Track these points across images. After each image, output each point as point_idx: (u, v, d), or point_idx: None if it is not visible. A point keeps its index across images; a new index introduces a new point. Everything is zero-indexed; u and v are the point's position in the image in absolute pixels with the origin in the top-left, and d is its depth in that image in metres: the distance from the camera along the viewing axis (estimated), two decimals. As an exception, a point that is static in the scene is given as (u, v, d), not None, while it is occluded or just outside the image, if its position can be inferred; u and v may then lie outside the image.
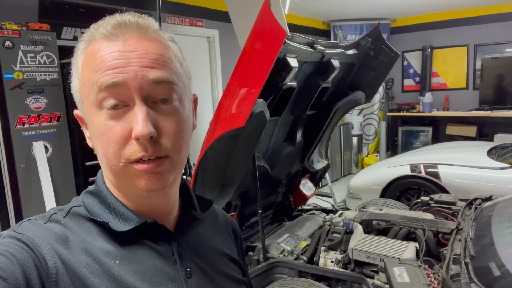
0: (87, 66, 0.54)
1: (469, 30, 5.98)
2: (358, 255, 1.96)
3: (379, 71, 2.71)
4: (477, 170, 3.34)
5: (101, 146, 0.54)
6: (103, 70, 0.52)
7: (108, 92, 0.52)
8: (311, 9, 5.45)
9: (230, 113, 1.68)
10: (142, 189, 0.55)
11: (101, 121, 0.53)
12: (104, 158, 0.55)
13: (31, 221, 0.54)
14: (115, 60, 0.52)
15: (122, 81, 0.52)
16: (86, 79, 0.54)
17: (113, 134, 0.53)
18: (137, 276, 0.55)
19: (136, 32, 0.55)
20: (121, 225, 0.57)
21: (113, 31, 0.54)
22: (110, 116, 0.53)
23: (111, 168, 0.55)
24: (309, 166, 2.85)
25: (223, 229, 0.77)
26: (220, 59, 4.44)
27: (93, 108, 0.54)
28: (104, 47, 0.53)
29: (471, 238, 1.70)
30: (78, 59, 0.57)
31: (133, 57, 0.53)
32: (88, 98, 0.54)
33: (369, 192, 3.77)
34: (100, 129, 0.53)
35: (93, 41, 0.55)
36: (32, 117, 2.45)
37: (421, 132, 6.42)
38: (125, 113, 0.53)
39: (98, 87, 0.52)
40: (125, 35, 0.54)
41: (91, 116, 0.55)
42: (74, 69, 0.57)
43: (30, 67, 2.41)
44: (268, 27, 1.60)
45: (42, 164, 2.48)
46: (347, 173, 6.24)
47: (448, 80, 6.37)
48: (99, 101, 0.53)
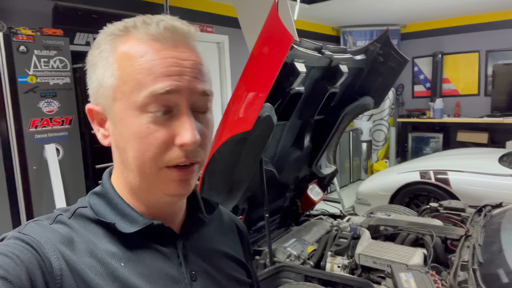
0: (132, 66, 0.52)
1: (481, 36, 5.92)
2: (365, 261, 1.95)
3: (388, 77, 2.71)
4: (488, 177, 3.30)
5: (137, 148, 0.53)
6: (157, 75, 0.52)
7: (159, 98, 0.52)
8: (320, 15, 5.46)
9: (238, 117, 1.70)
10: (171, 193, 0.56)
11: (142, 123, 0.52)
12: (135, 160, 0.54)
13: (36, 222, 0.54)
14: (171, 67, 0.52)
15: (176, 90, 0.52)
16: (130, 79, 0.52)
17: (155, 138, 0.52)
18: (142, 278, 0.55)
19: (184, 40, 0.55)
20: (128, 227, 0.57)
21: (165, 34, 0.53)
22: (154, 120, 0.52)
23: (142, 171, 0.55)
24: (317, 171, 2.85)
25: (229, 231, 0.76)
26: (229, 64, 4.48)
27: (132, 109, 0.53)
28: (154, 50, 0.53)
29: (479, 245, 1.68)
30: (107, 53, 0.55)
31: (187, 66, 0.53)
32: (128, 98, 0.53)
33: (378, 198, 3.75)
34: (140, 132, 0.52)
35: (135, 38, 0.54)
36: (44, 120, 2.51)
37: (431, 139, 6.37)
38: (169, 119, 0.53)
39: (150, 92, 0.51)
40: (175, 42, 0.54)
41: (127, 117, 0.53)
42: (101, 63, 0.55)
43: (43, 71, 2.47)
44: (275, 32, 1.62)
45: (53, 167, 2.53)
46: (356, 179, 6.20)
47: (459, 86, 6.32)
48: (145, 104, 0.52)
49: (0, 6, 2.61)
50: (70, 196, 2.61)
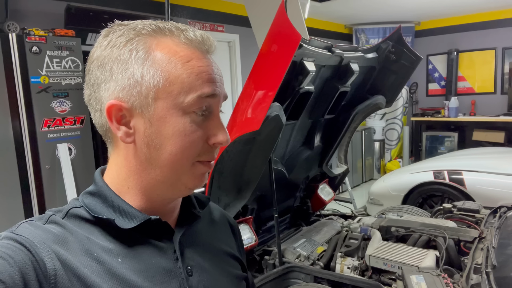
0: (182, 68, 0.56)
1: (497, 33, 5.79)
2: (375, 262, 1.92)
3: (401, 75, 2.66)
4: (505, 177, 3.22)
5: (179, 145, 0.57)
6: (205, 80, 0.57)
7: (204, 100, 0.57)
8: (332, 13, 5.41)
9: (246, 117, 1.69)
10: (193, 187, 0.62)
11: (187, 122, 0.57)
12: (172, 156, 0.57)
13: (29, 223, 0.54)
14: (214, 74, 0.59)
15: (217, 94, 0.59)
16: (178, 81, 0.56)
17: (197, 136, 0.58)
18: (139, 274, 0.55)
19: (213, 49, 0.61)
20: (126, 223, 0.57)
21: (203, 43, 0.59)
22: (195, 120, 0.58)
23: (175, 167, 0.58)
24: (327, 170, 2.82)
25: (221, 226, 0.78)
26: (240, 63, 4.48)
27: (176, 109, 0.56)
28: (199, 57, 0.58)
29: (493, 247, 1.64)
30: (146, 53, 0.55)
31: (220, 75, 0.61)
32: (174, 98, 0.56)
33: (391, 198, 3.69)
34: (185, 130, 0.57)
35: (176, 41, 0.57)
36: (57, 120, 2.54)
37: (446, 138, 6.25)
38: (205, 120, 0.59)
39: (199, 94, 0.56)
40: (208, 50, 0.60)
41: (170, 116, 0.56)
42: (138, 61, 0.55)
43: (56, 71, 2.50)
44: (283, 30, 1.61)
45: (66, 166, 2.56)
46: (368, 178, 6.13)
47: (475, 84, 6.19)
48: (191, 105, 0.56)
49: (12, 7, 2.65)
50: (82, 195, 2.64)
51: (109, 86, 0.57)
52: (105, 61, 0.56)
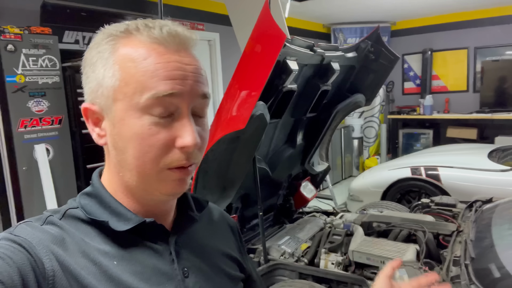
0: (136, 68, 0.53)
1: (469, 33, 5.99)
2: (358, 257, 1.97)
3: (379, 74, 2.72)
4: (478, 172, 3.35)
5: (138, 149, 0.54)
6: (161, 78, 0.53)
7: (161, 100, 0.53)
8: (311, 13, 5.47)
9: (231, 116, 1.69)
10: (168, 193, 0.58)
11: (144, 124, 0.53)
12: (135, 161, 0.55)
13: (27, 223, 0.54)
14: (174, 70, 0.54)
15: (179, 93, 0.54)
16: (133, 81, 0.53)
17: (157, 139, 0.54)
18: (135, 276, 0.55)
19: (187, 45, 0.57)
20: (121, 225, 0.57)
21: (168, 38, 0.54)
22: (155, 122, 0.54)
23: (141, 171, 0.55)
24: (309, 168, 2.86)
25: (220, 227, 0.78)
26: (221, 62, 4.46)
27: (134, 110, 0.53)
28: (158, 53, 0.54)
29: (471, 240, 1.70)
30: (107, 53, 0.55)
31: (189, 71, 0.55)
32: (130, 99, 0.53)
33: (370, 194, 3.78)
34: (142, 133, 0.53)
35: (138, 41, 0.54)
36: (34, 120, 2.47)
37: (421, 135, 6.42)
38: (170, 122, 0.54)
39: (153, 94, 0.52)
40: (178, 46, 0.55)
41: (128, 117, 0.54)
42: (100, 62, 0.55)
43: (32, 70, 2.43)
44: (267, 30, 1.62)
45: (43, 167, 2.49)
46: (348, 175, 6.24)
47: (449, 83, 6.38)
48: (148, 106, 0.53)
49: (-14, 4, 2.56)
50: (61, 196, 2.58)
51: (86, 89, 0.59)
52: (83, 65, 0.58)
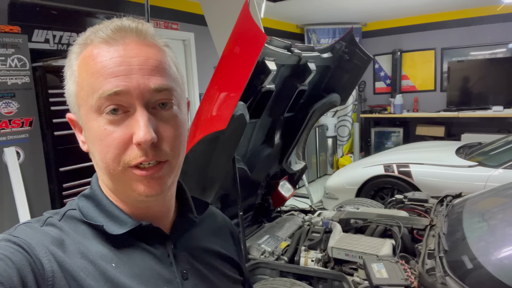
0: (86, 71, 0.54)
1: (436, 34, 6.22)
2: (337, 254, 2.01)
3: (353, 74, 2.79)
4: (447, 168, 3.48)
5: (99, 150, 0.54)
6: (105, 76, 0.52)
7: (109, 99, 0.52)
8: (285, 13, 5.52)
9: (211, 116, 1.69)
10: (141, 194, 0.56)
11: (100, 126, 0.53)
12: (101, 163, 0.55)
13: (26, 225, 0.54)
14: (117, 66, 0.52)
15: (125, 90, 0.52)
16: (85, 84, 0.54)
17: (113, 139, 0.53)
18: (134, 278, 0.55)
19: (135, 37, 0.55)
20: (116, 228, 0.57)
21: (113, 35, 0.54)
22: (110, 121, 0.53)
23: (109, 173, 0.55)
24: (287, 167, 2.89)
25: (221, 231, 0.78)
26: (196, 62, 4.43)
27: (91, 113, 0.54)
28: (104, 51, 0.53)
29: (444, 234, 1.77)
30: (73, 62, 0.56)
31: (135, 64, 0.53)
32: (86, 102, 0.54)
33: (345, 192, 3.86)
34: (99, 134, 0.53)
35: (91, 44, 0.55)
36: (3, 122, 2.37)
37: (392, 133, 6.62)
38: (125, 118, 0.53)
39: (100, 94, 0.52)
40: (124, 40, 0.54)
41: (89, 121, 0.55)
42: (69, 72, 0.57)
43: (1, 70, 2.33)
44: (248, 31, 1.62)
45: (14, 171, 2.40)
46: (322, 174, 6.34)
47: (417, 83, 6.61)
48: (99, 106, 0.53)
49: (-50, 1, 2.44)
50: (33, 201, 2.49)
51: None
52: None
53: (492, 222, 1.74)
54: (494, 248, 1.54)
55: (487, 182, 3.11)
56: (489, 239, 1.60)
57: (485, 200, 2.08)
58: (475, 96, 5.90)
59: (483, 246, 1.57)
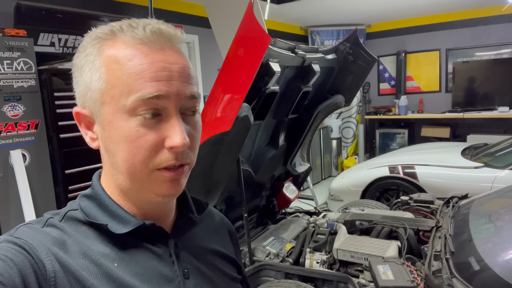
0: (121, 70, 0.53)
1: (441, 35, 6.19)
2: (342, 255, 2.00)
3: (358, 75, 2.78)
4: (453, 169, 3.46)
5: (127, 151, 0.54)
6: (146, 80, 0.52)
7: (148, 102, 0.52)
8: (289, 15, 5.52)
9: (216, 118, 1.69)
10: (162, 194, 0.57)
11: (132, 127, 0.53)
12: (125, 163, 0.55)
13: (27, 226, 0.54)
14: (160, 71, 0.53)
15: (165, 95, 0.53)
16: (119, 83, 0.53)
17: (145, 141, 0.53)
18: (136, 277, 0.56)
19: (171, 43, 0.56)
20: (119, 227, 0.58)
21: (151, 38, 0.54)
22: (143, 123, 0.53)
23: (132, 173, 0.55)
24: (291, 169, 2.88)
25: (219, 230, 0.79)
26: (200, 64, 4.44)
27: (121, 113, 0.53)
28: (142, 54, 0.53)
29: (450, 235, 1.76)
30: (94, 56, 0.55)
31: (175, 71, 0.54)
32: (117, 102, 0.53)
33: (350, 193, 3.84)
34: (130, 135, 0.53)
35: (121, 42, 0.54)
36: (9, 125, 2.39)
37: (397, 134, 6.59)
38: (158, 122, 0.54)
39: (139, 96, 0.52)
40: (162, 45, 0.54)
41: (116, 120, 0.54)
42: (88, 66, 0.55)
43: (7, 74, 2.35)
44: (252, 32, 1.63)
45: (20, 173, 2.42)
46: (327, 175, 6.32)
47: (422, 84, 6.58)
48: (134, 108, 0.52)
49: (-43, 6, 2.47)
50: (38, 203, 2.50)
51: (76, 94, 0.58)
52: (73, 69, 0.58)
53: (499, 224, 1.72)
54: (501, 249, 1.53)
55: (494, 183, 3.08)
56: (496, 241, 1.59)
57: (492, 201, 2.06)
58: (480, 97, 5.87)
59: (490, 247, 1.55)
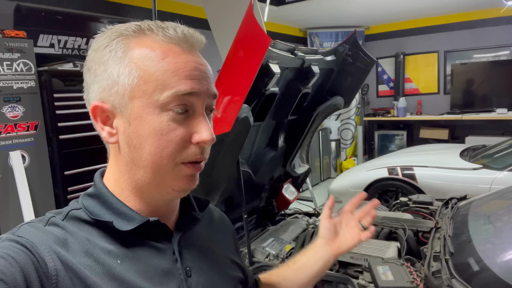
0: (155, 66, 0.55)
1: (439, 37, 6.22)
2: (342, 256, 2.00)
3: (357, 77, 2.79)
4: (451, 171, 3.47)
5: (156, 145, 0.56)
6: (181, 77, 0.56)
7: (181, 98, 0.56)
8: (288, 17, 5.54)
9: (216, 119, 1.69)
10: (181, 188, 0.60)
11: (163, 121, 0.56)
12: (151, 156, 0.56)
13: (29, 224, 0.55)
14: (193, 71, 0.57)
15: (197, 92, 0.57)
16: (153, 79, 0.55)
17: (176, 135, 0.56)
18: (139, 275, 0.56)
19: (198, 46, 0.60)
20: (124, 225, 0.58)
21: (184, 39, 0.58)
22: (174, 118, 0.56)
23: (158, 166, 0.57)
24: (291, 170, 2.89)
25: (219, 228, 0.80)
26: (199, 66, 4.45)
27: (152, 108, 0.56)
28: (177, 53, 0.56)
29: (449, 236, 1.77)
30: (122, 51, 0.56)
31: (204, 71, 0.59)
32: (150, 96, 0.55)
33: (349, 195, 3.85)
34: (161, 129, 0.56)
35: (153, 40, 0.56)
36: (8, 126, 2.39)
37: (396, 136, 6.61)
38: (187, 118, 0.57)
39: (174, 92, 0.55)
40: (193, 47, 0.59)
41: (147, 115, 0.56)
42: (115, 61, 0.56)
43: (7, 75, 2.35)
44: (252, 34, 1.63)
45: (19, 174, 2.42)
46: (326, 177, 6.33)
47: (420, 85, 6.60)
48: (167, 103, 0.55)
49: (-43, 7, 2.47)
50: (38, 205, 2.50)
51: (94, 88, 0.58)
52: (91, 64, 0.58)
53: (498, 224, 1.73)
54: (500, 250, 1.53)
55: (492, 184, 3.10)
56: (495, 241, 1.60)
57: (491, 202, 2.07)
58: (479, 98, 5.89)
59: (489, 248, 1.56)
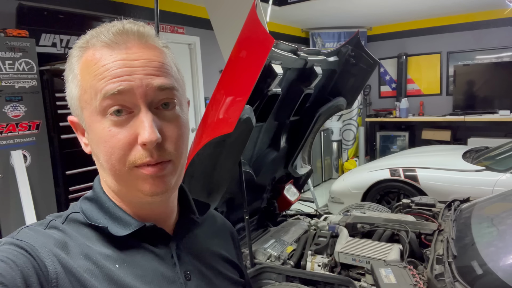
0: (89, 74, 0.54)
1: (442, 38, 6.20)
2: (344, 258, 1.99)
3: (359, 78, 2.78)
4: (454, 173, 3.45)
5: (104, 152, 0.55)
6: (108, 78, 0.53)
7: (113, 99, 0.53)
8: (290, 17, 5.53)
9: (218, 120, 1.69)
10: (147, 193, 0.56)
11: (105, 127, 0.54)
12: (106, 164, 0.55)
13: (29, 228, 0.54)
14: (120, 68, 0.53)
15: (128, 89, 0.53)
16: (88, 87, 0.54)
17: (117, 140, 0.54)
18: (137, 279, 0.56)
19: (137, 40, 0.56)
20: (120, 230, 0.58)
21: (115, 39, 0.55)
22: (114, 122, 0.54)
23: (114, 173, 0.56)
24: (292, 171, 2.88)
25: (221, 232, 0.79)
26: (201, 66, 4.45)
27: (95, 115, 0.55)
28: (106, 55, 0.54)
29: (452, 239, 1.75)
30: (74, 65, 0.57)
31: (138, 66, 0.54)
32: (90, 105, 0.55)
33: (351, 196, 3.83)
34: (104, 136, 0.54)
35: (92, 48, 0.55)
36: (10, 125, 2.39)
37: (398, 137, 6.58)
38: (129, 119, 0.54)
39: (103, 94, 0.53)
40: (127, 44, 0.55)
41: (93, 123, 0.55)
42: (70, 76, 0.58)
43: (9, 74, 2.35)
44: (255, 34, 1.62)
45: (20, 174, 2.41)
46: (328, 178, 6.31)
47: (423, 86, 6.58)
48: (103, 108, 0.53)
49: (-41, 6, 2.47)
50: (39, 204, 2.49)
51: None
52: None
53: (502, 227, 1.71)
54: (504, 253, 1.52)
55: (495, 186, 3.08)
56: (499, 245, 1.58)
57: (494, 204, 2.05)
58: (481, 100, 5.86)
59: (493, 251, 1.55)
